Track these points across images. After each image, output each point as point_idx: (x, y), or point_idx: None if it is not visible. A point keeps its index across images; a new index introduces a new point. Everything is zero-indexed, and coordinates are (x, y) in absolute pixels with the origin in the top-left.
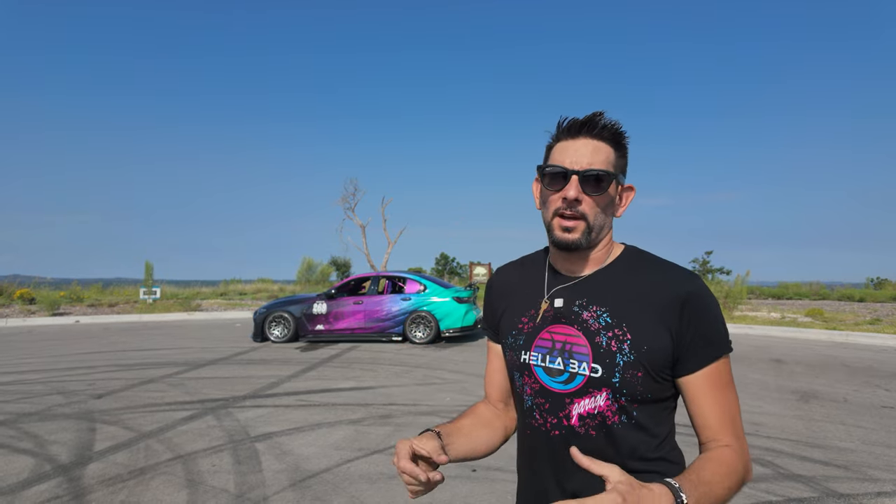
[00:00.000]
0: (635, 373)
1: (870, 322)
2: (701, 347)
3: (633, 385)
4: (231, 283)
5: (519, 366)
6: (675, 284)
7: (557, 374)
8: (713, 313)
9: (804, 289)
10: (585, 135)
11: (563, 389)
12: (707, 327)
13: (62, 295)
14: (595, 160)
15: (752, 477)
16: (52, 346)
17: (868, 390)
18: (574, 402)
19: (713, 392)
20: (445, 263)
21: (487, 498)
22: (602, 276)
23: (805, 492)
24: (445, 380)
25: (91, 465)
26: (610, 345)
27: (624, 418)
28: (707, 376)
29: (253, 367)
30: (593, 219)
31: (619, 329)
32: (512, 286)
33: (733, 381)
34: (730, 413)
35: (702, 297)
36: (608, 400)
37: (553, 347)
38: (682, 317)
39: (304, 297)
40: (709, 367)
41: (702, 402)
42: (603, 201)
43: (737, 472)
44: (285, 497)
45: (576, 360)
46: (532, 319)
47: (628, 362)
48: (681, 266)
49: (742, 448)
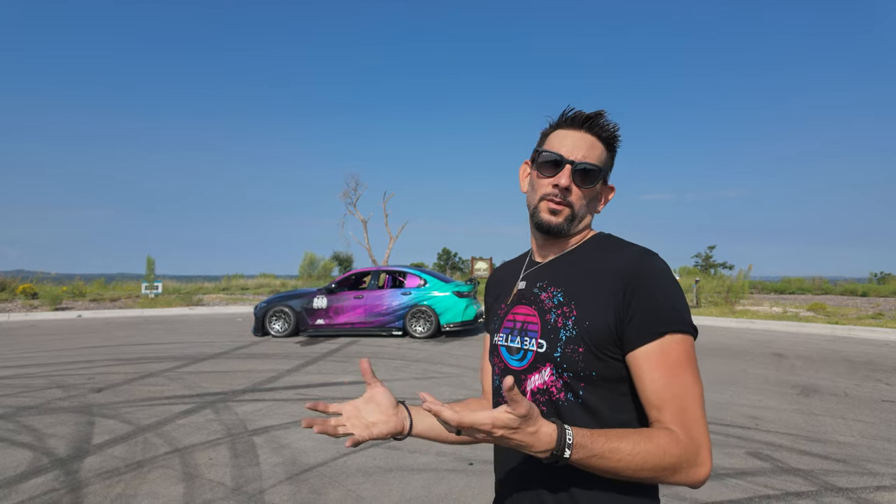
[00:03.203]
0: (576, 348)
1: (872, 316)
2: (644, 324)
3: (574, 361)
4: (233, 279)
5: (491, 347)
6: (624, 261)
7: (516, 353)
8: (662, 289)
9: (807, 283)
10: (586, 129)
11: (518, 367)
12: (652, 302)
13: (64, 290)
14: (590, 155)
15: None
16: (54, 340)
17: (869, 384)
18: (527, 378)
19: (658, 371)
20: (447, 258)
21: (483, 491)
22: (563, 259)
23: (803, 486)
24: (445, 374)
25: (88, 459)
26: (556, 321)
27: (570, 396)
28: (650, 354)
29: (253, 362)
30: (578, 209)
31: (567, 307)
32: (503, 280)
33: (693, 367)
34: (678, 398)
35: (650, 273)
36: (552, 375)
37: (514, 328)
38: (626, 292)
39: (305, 291)
40: (652, 343)
41: (643, 381)
42: (590, 194)
43: (665, 455)
44: (281, 490)
45: (529, 338)
46: (506, 304)
47: (570, 337)
48: (641, 246)
49: (688, 439)
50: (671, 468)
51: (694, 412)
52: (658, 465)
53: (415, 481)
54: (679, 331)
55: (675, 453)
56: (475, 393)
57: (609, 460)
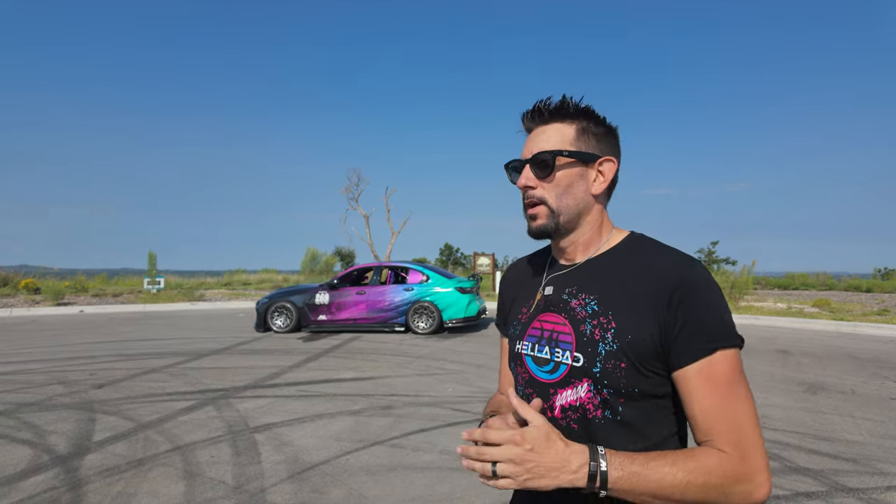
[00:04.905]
0: (618, 363)
1: (877, 313)
2: (692, 339)
3: (616, 377)
4: (235, 274)
5: (514, 355)
6: (668, 270)
7: (544, 364)
8: (710, 302)
9: (811, 279)
10: (539, 122)
11: (548, 379)
12: (700, 316)
13: (67, 285)
14: (544, 143)
15: (754, 502)
16: (56, 335)
17: (876, 382)
18: (557, 393)
19: (707, 390)
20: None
21: (488, 490)
22: (596, 264)
23: (813, 486)
24: (447, 370)
25: (89, 456)
26: (594, 333)
27: (608, 413)
28: (699, 372)
29: (255, 358)
30: (553, 200)
31: (604, 317)
32: (521, 279)
33: (744, 383)
34: (730, 418)
35: (697, 284)
36: (589, 392)
37: (541, 336)
38: (671, 304)
39: (307, 287)
40: (701, 361)
41: (692, 400)
42: (562, 181)
43: (711, 474)
44: (283, 489)
45: (560, 349)
46: (529, 309)
47: (611, 352)
48: (682, 252)
49: (741, 459)
50: (720, 490)
51: (748, 430)
52: (705, 484)
53: (418, 480)
54: (730, 345)
55: (722, 473)
56: (478, 390)
57: (650, 478)
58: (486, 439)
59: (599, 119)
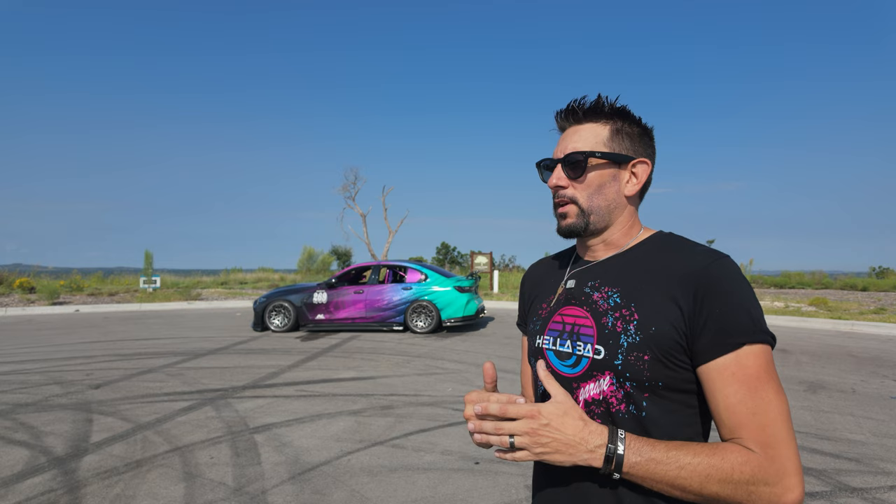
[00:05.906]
0: (641, 355)
1: (874, 311)
2: (718, 333)
3: (639, 369)
4: (232, 273)
5: (534, 350)
6: (694, 263)
7: (566, 358)
8: (737, 294)
9: (807, 278)
10: (572, 121)
11: (570, 373)
12: (727, 309)
13: (62, 284)
14: (576, 143)
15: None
16: (52, 335)
17: (876, 381)
18: (580, 387)
19: (734, 387)
20: (446, 253)
21: (491, 491)
22: (621, 259)
23: (817, 486)
24: (447, 370)
25: (87, 458)
26: (615, 325)
27: (632, 408)
28: (725, 367)
29: (253, 357)
30: (585, 200)
31: (626, 309)
32: (542, 278)
33: (774, 380)
34: (758, 416)
35: (724, 278)
36: (612, 385)
37: (563, 330)
38: (697, 297)
39: (305, 286)
40: (727, 356)
41: (717, 397)
42: (593, 181)
43: (734, 471)
44: (284, 490)
45: (582, 343)
46: (549, 304)
47: (633, 343)
48: (710, 246)
49: (768, 460)
50: (744, 488)
51: (777, 430)
52: (726, 480)
53: (420, 481)
54: (758, 340)
55: (745, 472)
56: (478, 388)
57: (669, 466)
58: (505, 413)
59: (635, 119)
